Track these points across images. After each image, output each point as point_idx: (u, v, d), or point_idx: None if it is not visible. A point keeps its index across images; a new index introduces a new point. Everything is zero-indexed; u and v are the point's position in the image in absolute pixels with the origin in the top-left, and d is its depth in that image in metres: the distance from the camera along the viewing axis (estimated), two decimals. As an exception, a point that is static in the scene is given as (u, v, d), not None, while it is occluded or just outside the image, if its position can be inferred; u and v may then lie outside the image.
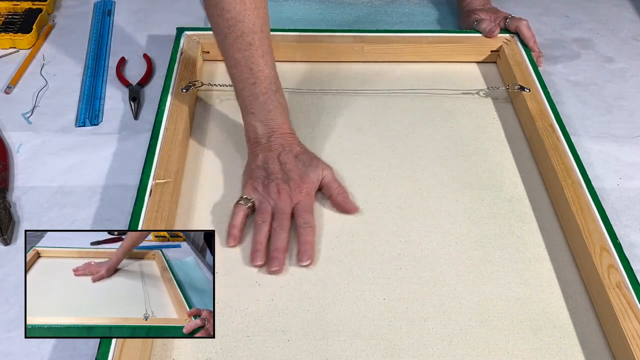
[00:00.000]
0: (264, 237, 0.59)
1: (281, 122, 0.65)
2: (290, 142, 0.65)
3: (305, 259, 0.58)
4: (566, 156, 0.67)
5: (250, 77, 0.64)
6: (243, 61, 0.63)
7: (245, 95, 0.64)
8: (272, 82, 0.65)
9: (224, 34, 0.63)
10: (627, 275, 0.55)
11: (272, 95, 0.65)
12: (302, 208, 0.61)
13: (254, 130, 0.65)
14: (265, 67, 0.64)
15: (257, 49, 0.63)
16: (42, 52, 0.87)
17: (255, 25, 0.63)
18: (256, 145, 0.65)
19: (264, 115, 0.64)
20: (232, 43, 0.63)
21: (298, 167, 0.63)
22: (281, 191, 0.61)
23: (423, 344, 0.53)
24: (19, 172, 0.69)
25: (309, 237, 0.59)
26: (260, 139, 0.64)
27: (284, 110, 0.66)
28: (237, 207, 0.61)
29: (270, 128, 0.65)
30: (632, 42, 0.96)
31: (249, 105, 0.65)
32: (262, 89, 0.64)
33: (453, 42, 0.84)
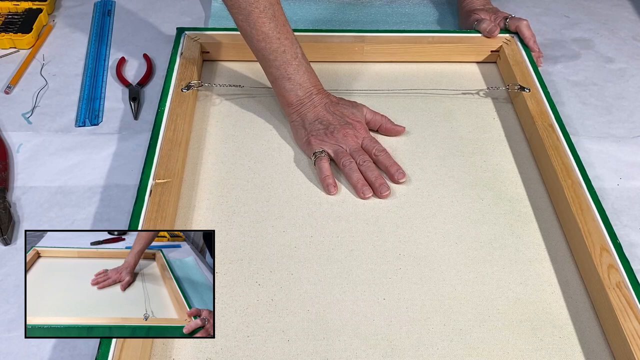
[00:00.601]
0: (359, 173, 0.66)
1: (314, 80, 0.72)
2: (328, 95, 0.72)
3: (400, 176, 0.66)
4: (566, 156, 0.67)
5: (280, 46, 0.68)
6: (271, 33, 0.67)
7: (279, 64, 0.69)
8: (297, 46, 0.70)
9: (248, 11, 0.66)
10: (627, 275, 0.55)
11: (301, 59, 0.70)
12: (369, 142, 0.69)
13: (295, 94, 0.70)
14: (288, 33, 0.69)
15: (279, 19, 0.68)
16: (42, 52, 0.87)
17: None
18: (300, 106, 0.70)
19: (300, 78, 0.70)
20: (258, 17, 0.66)
21: (346, 111, 0.71)
22: (347, 134, 0.68)
23: (423, 344, 0.53)
24: (19, 172, 0.69)
25: (389, 160, 0.68)
26: (302, 99, 0.70)
27: (313, 71, 0.72)
28: (319, 160, 0.67)
29: (308, 89, 0.70)
30: (632, 42, 0.96)
31: (285, 72, 0.69)
32: (293, 54, 0.69)
33: (453, 42, 0.84)
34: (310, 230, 0.62)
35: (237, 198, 0.65)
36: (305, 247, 0.61)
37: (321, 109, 0.70)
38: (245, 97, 0.78)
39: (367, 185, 0.65)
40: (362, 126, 0.71)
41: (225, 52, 0.83)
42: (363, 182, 0.65)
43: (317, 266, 0.59)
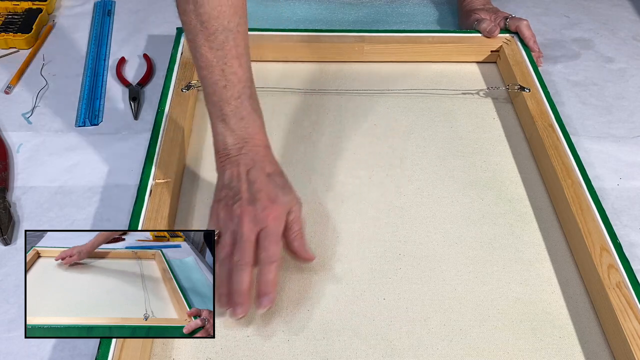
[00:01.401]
0: (227, 276, 0.51)
1: (254, 131, 0.58)
2: (263, 158, 0.57)
3: (264, 304, 0.51)
4: (566, 156, 0.67)
5: (221, 79, 0.56)
6: (215, 61, 0.56)
7: (216, 100, 0.57)
8: (246, 85, 0.58)
9: (196, 32, 0.56)
10: (627, 275, 0.55)
11: (245, 101, 0.57)
12: (267, 236, 0.52)
13: (223, 140, 0.57)
14: (239, 69, 0.57)
15: (232, 49, 0.56)
16: (42, 52, 0.87)
17: (231, 23, 0.56)
18: (225, 158, 0.57)
19: (235, 123, 0.57)
20: (204, 41, 0.55)
21: (269, 187, 0.55)
22: (244, 214, 0.52)
23: (423, 344, 0.53)
24: (19, 172, 0.69)
25: (270, 274, 0.51)
26: (229, 150, 0.57)
27: (258, 118, 0.59)
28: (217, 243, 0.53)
29: (241, 138, 0.57)
30: (632, 42, 0.96)
31: (219, 111, 0.57)
32: (235, 92, 0.57)
33: (453, 42, 0.84)
34: (310, 230, 0.62)
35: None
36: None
37: (242, 170, 0.55)
38: (245, 97, 0.78)
39: (225, 295, 0.51)
40: (276, 211, 0.53)
41: (225, 52, 0.83)
42: (222, 291, 0.51)
43: (317, 266, 0.59)
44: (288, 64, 0.84)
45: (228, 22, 0.56)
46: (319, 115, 0.76)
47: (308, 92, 0.80)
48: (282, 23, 0.94)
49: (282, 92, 0.79)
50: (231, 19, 0.56)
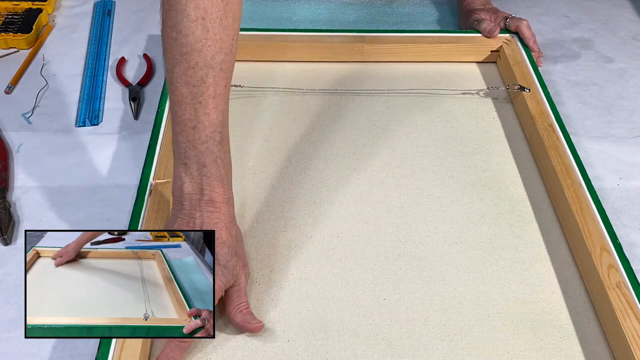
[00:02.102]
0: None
1: (216, 183, 0.52)
2: (215, 222, 0.52)
3: None
4: (566, 156, 0.67)
5: (192, 119, 0.51)
6: (189, 98, 0.51)
7: (181, 141, 0.52)
8: (216, 130, 0.52)
9: (175, 62, 0.51)
10: (627, 275, 0.55)
11: (212, 147, 0.52)
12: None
13: (180, 187, 0.52)
14: (214, 110, 0.52)
15: (209, 88, 0.51)
16: (42, 52, 0.87)
17: (215, 60, 0.51)
18: (179, 207, 0.52)
19: (197, 170, 0.52)
20: (182, 74, 0.51)
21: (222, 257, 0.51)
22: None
23: (423, 344, 0.53)
24: (19, 172, 0.68)
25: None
26: (184, 200, 0.52)
27: (223, 168, 0.53)
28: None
29: (199, 189, 0.52)
30: (632, 42, 0.96)
31: (183, 154, 0.52)
32: (203, 136, 0.51)
33: (453, 42, 0.84)
34: (310, 230, 0.62)
35: (237, 198, 0.65)
36: (305, 247, 0.61)
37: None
38: (245, 97, 0.78)
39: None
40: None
41: (225, 52, 0.83)
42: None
43: (317, 266, 0.59)
44: (288, 64, 0.84)
45: (211, 58, 0.51)
46: (319, 115, 0.76)
47: (308, 92, 0.80)
48: (282, 23, 0.94)
49: (282, 92, 0.79)
50: (215, 55, 0.51)
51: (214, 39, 0.51)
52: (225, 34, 0.52)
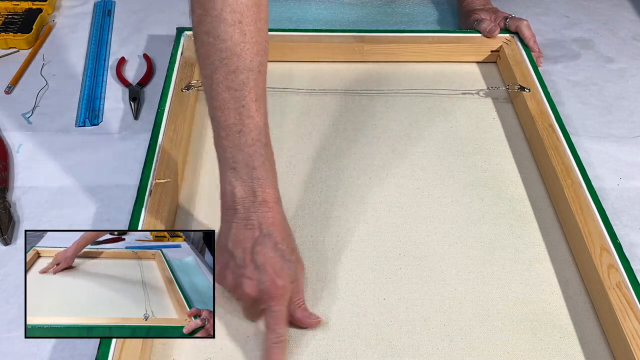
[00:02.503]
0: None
1: (266, 184, 0.52)
2: (271, 222, 0.52)
3: None
4: (566, 156, 0.67)
5: (237, 123, 0.51)
6: (232, 103, 0.51)
7: (227, 145, 0.52)
8: (261, 132, 0.53)
9: (214, 67, 0.51)
10: (627, 275, 0.55)
11: (259, 149, 0.52)
12: (273, 316, 0.50)
13: (231, 192, 0.52)
14: (257, 113, 0.52)
15: (251, 91, 0.51)
16: (42, 52, 0.87)
17: (254, 62, 0.51)
18: (232, 213, 0.52)
19: (247, 173, 0.52)
20: (223, 79, 0.51)
21: (274, 260, 0.51)
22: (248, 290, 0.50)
23: (423, 344, 0.53)
24: (19, 172, 0.69)
25: (277, 355, 0.50)
26: (237, 204, 0.52)
27: (271, 170, 0.54)
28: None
29: (251, 191, 0.52)
30: (632, 42, 0.96)
31: (231, 159, 0.52)
32: (249, 139, 0.52)
33: (453, 42, 0.84)
34: (310, 230, 0.62)
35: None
36: (305, 247, 0.61)
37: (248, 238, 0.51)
38: (245, 97, 0.78)
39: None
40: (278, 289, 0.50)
41: (225, 52, 0.83)
42: None
43: (317, 266, 0.59)
44: (288, 64, 0.84)
45: (250, 61, 0.51)
46: (319, 115, 0.76)
47: (308, 92, 0.80)
48: (282, 23, 0.94)
49: (282, 92, 0.79)
50: (254, 58, 0.52)
51: (252, 42, 0.51)
52: (260, 36, 0.52)
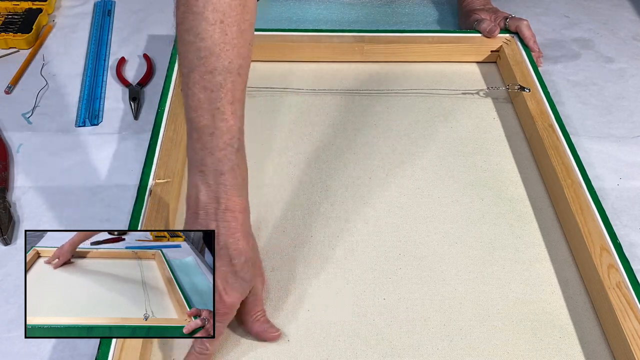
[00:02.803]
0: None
1: (232, 192, 0.50)
2: (232, 232, 0.50)
3: None
4: (566, 156, 0.67)
5: (209, 125, 0.50)
6: (207, 104, 0.50)
7: (198, 148, 0.50)
8: (234, 137, 0.51)
9: (192, 66, 0.49)
10: (627, 275, 0.55)
11: (230, 154, 0.50)
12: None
13: (196, 196, 0.51)
14: (231, 117, 0.50)
15: (228, 94, 0.50)
16: (42, 52, 0.87)
17: (233, 64, 0.50)
18: (194, 217, 0.51)
19: (213, 178, 0.50)
20: (199, 79, 0.49)
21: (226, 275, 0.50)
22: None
23: (423, 344, 0.53)
24: (19, 172, 0.69)
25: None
26: (200, 209, 0.50)
27: (240, 176, 0.52)
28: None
29: (216, 197, 0.50)
30: (632, 42, 0.96)
31: (200, 161, 0.50)
32: (221, 143, 0.50)
33: (453, 42, 0.84)
34: (310, 230, 0.62)
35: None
36: (305, 247, 0.61)
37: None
38: (245, 97, 0.78)
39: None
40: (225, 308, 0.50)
41: (225, 52, 0.83)
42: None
43: (317, 266, 0.59)
44: (288, 64, 0.84)
45: (229, 63, 0.50)
46: (319, 115, 0.76)
47: (308, 92, 0.80)
48: (282, 23, 0.94)
49: (282, 92, 0.79)
50: (233, 60, 0.50)
51: (232, 44, 0.50)
52: (243, 38, 0.51)
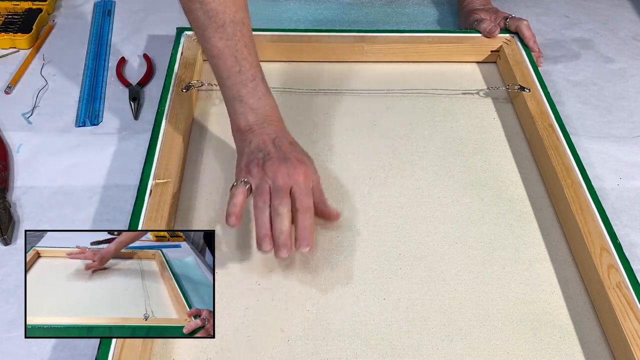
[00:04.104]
0: (268, 220, 0.56)
1: (271, 110, 0.63)
2: (283, 132, 0.62)
3: (304, 245, 0.55)
4: (566, 156, 0.67)
5: (235, 65, 0.61)
6: (227, 50, 0.61)
7: (231, 84, 0.62)
8: (257, 70, 0.63)
9: (204, 26, 0.61)
10: (627, 275, 0.55)
11: (259, 83, 0.62)
12: (300, 189, 0.57)
13: (245, 118, 0.61)
14: (249, 55, 0.62)
15: (241, 39, 0.61)
16: (42, 52, 0.87)
17: (237, 17, 0.61)
18: (248, 132, 0.61)
19: (254, 102, 0.62)
20: (214, 33, 0.60)
21: (295, 151, 0.60)
22: (279, 169, 0.57)
23: (423, 344, 0.53)
24: (19, 172, 0.69)
25: (307, 221, 0.56)
26: (252, 126, 0.61)
27: (272, 98, 0.64)
28: (235, 188, 0.57)
29: (262, 115, 0.62)
30: (632, 42, 0.96)
31: (237, 93, 0.62)
32: (249, 76, 0.62)
33: (453, 42, 0.84)
34: (310, 230, 0.62)
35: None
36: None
37: (268, 139, 0.60)
38: (245, 97, 0.78)
39: (269, 235, 0.55)
40: (304, 170, 0.58)
41: (225, 52, 0.83)
42: (266, 232, 0.55)
43: (317, 266, 0.59)
44: (288, 64, 0.84)
45: (234, 16, 0.61)
46: (319, 115, 0.76)
47: (308, 92, 0.80)
48: (282, 23, 0.94)
49: (282, 92, 0.79)
50: (236, 13, 0.61)
51: (231, 2, 0.61)
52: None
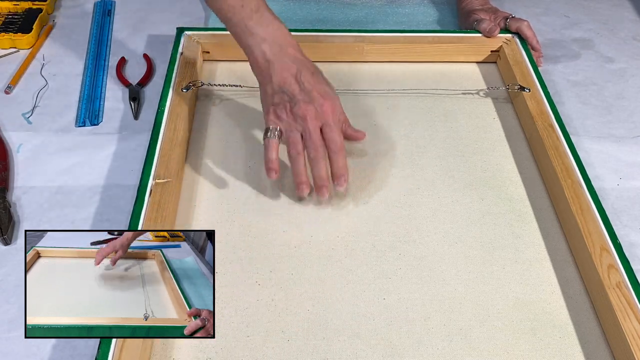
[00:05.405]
0: (304, 167, 0.61)
1: (283, 35, 0.63)
2: (301, 59, 0.63)
3: (341, 183, 0.60)
4: (566, 156, 0.67)
5: (237, 1, 0.62)
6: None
7: (238, 21, 0.62)
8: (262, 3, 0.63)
9: None
10: (627, 275, 0.55)
11: (265, 11, 0.63)
12: (330, 128, 0.60)
13: (261, 52, 0.62)
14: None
15: None
16: (42, 52, 0.87)
17: None
18: (269, 66, 0.62)
19: (265, 31, 0.62)
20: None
21: (318, 85, 0.61)
22: (307, 113, 0.59)
23: (423, 344, 0.53)
24: (19, 172, 0.69)
25: (341, 161, 0.60)
26: (268, 57, 0.62)
27: (279, 22, 0.64)
28: (268, 141, 0.61)
29: (277, 43, 0.62)
30: (632, 42, 0.96)
31: (244, 27, 0.62)
32: (253, 7, 0.62)
33: (453, 42, 0.84)
34: (310, 230, 0.62)
35: (237, 198, 0.65)
36: (305, 247, 0.61)
37: (289, 75, 0.61)
38: (245, 97, 0.78)
39: (306, 182, 0.61)
40: (331, 104, 0.61)
41: (225, 52, 0.83)
42: (304, 179, 0.61)
43: (317, 266, 0.59)
44: (288, 64, 0.83)
45: None
46: (319, 115, 0.76)
47: (308, 92, 0.79)
48: (282, 23, 0.94)
49: (282, 92, 0.79)
50: None
51: None
52: None
